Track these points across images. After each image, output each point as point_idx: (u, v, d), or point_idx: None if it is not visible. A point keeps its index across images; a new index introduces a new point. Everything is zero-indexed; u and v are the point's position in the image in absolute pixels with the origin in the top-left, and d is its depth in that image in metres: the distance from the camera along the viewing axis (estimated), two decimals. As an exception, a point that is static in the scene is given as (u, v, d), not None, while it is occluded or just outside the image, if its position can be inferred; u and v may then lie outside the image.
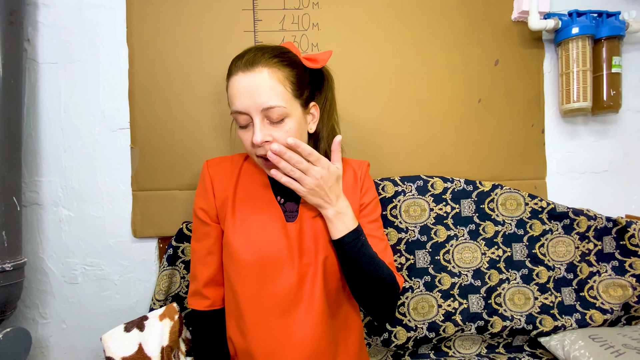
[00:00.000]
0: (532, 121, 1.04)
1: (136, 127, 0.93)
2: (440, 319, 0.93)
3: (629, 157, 1.09)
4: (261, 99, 0.57)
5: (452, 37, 1.00)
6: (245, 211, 0.67)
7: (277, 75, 0.59)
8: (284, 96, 0.59)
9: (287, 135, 0.60)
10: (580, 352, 0.86)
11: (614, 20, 0.99)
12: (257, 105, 0.58)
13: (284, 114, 0.59)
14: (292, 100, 0.60)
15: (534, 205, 0.98)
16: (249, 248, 0.64)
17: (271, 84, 0.58)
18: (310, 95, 0.66)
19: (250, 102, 0.58)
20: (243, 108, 0.59)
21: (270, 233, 0.65)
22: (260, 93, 0.57)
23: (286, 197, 0.69)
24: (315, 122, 0.67)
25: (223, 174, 0.70)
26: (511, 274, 0.97)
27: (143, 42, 0.92)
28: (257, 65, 0.58)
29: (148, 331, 0.68)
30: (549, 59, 1.05)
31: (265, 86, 0.58)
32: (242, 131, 0.62)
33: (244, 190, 0.69)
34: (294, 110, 0.61)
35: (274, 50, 0.61)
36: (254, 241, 0.64)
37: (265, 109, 0.58)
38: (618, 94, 0.98)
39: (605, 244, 1.00)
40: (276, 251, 0.64)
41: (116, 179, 0.94)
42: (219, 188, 0.69)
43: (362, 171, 0.73)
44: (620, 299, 0.96)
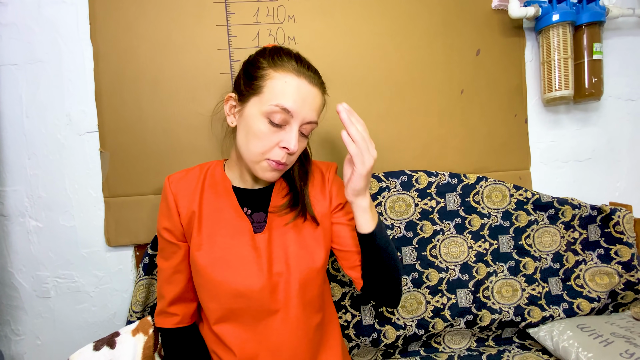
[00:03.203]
0: (515, 111, 1.02)
1: (105, 129, 0.88)
2: (429, 315, 0.91)
3: (611, 144, 1.09)
4: (311, 113, 0.61)
5: (432, 28, 0.98)
6: (211, 226, 0.64)
7: (322, 100, 0.64)
8: (319, 118, 0.64)
9: (301, 148, 0.64)
10: (569, 342, 0.85)
11: (594, 6, 0.98)
12: (305, 114, 0.60)
13: (311, 131, 0.64)
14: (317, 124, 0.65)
15: (519, 196, 0.97)
16: (217, 264, 0.61)
17: (320, 105, 0.63)
18: None
19: (302, 108, 0.59)
20: (294, 109, 0.58)
21: (238, 246, 0.63)
22: (313, 108, 0.61)
23: (253, 208, 0.67)
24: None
25: (186, 189, 0.66)
26: (498, 266, 0.96)
27: (108, 39, 0.87)
28: (317, 83, 0.62)
29: (120, 348, 0.64)
30: (530, 48, 1.03)
31: (318, 104, 0.62)
32: (271, 128, 0.59)
33: (209, 204, 0.66)
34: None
35: (318, 74, 0.64)
36: (222, 256, 0.62)
37: (308, 122, 0.61)
38: (600, 81, 0.97)
39: (591, 233, 1.00)
40: (245, 264, 0.61)
41: (86, 185, 0.89)
42: (184, 205, 0.65)
43: (330, 173, 0.72)
44: (606, 286, 0.96)
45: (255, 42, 0.92)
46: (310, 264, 0.64)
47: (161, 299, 0.68)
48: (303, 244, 0.65)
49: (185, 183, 0.67)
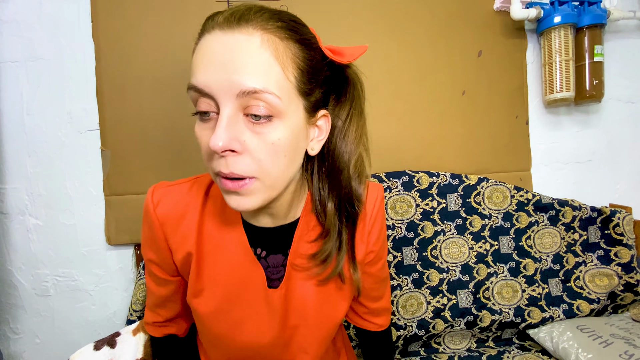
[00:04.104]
0: (516, 112, 1.03)
1: (106, 128, 0.87)
2: (429, 315, 0.91)
3: (612, 146, 1.09)
4: (241, 76, 0.35)
5: (434, 29, 0.98)
6: (214, 270, 0.49)
7: (275, 46, 0.37)
8: (281, 82, 0.37)
9: (274, 149, 0.38)
10: (569, 343, 0.86)
11: (595, 9, 0.98)
12: (231, 83, 0.36)
13: (274, 111, 0.37)
14: (292, 94, 0.39)
15: (519, 197, 0.97)
16: (220, 316, 0.49)
17: (263, 58, 0.36)
18: (323, 100, 0.45)
19: (220, 77, 0.36)
20: (205, 84, 0.37)
21: (246, 300, 0.49)
22: (242, 66, 0.36)
23: (269, 249, 0.50)
24: (321, 141, 0.45)
25: (179, 216, 0.48)
26: (499, 267, 0.96)
27: (110, 37, 0.87)
28: (247, 24, 0.36)
29: (120, 347, 0.64)
30: (532, 49, 1.03)
31: (252, 57, 0.36)
32: (201, 125, 0.40)
33: (211, 241, 0.48)
34: (293, 111, 0.39)
35: (280, 14, 0.40)
36: (226, 308, 0.49)
37: (244, 92, 0.36)
38: (600, 83, 0.98)
39: (591, 234, 1.00)
40: (254, 320, 0.50)
41: (86, 183, 0.88)
42: (176, 240, 0.48)
43: (376, 203, 0.53)
44: (606, 288, 0.96)
45: (258, 41, 0.92)
46: (332, 318, 0.53)
47: (154, 315, 0.57)
48: (326, 298, 0.51)
49: (177, 207, 0.48)
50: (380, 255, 0.57)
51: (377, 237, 0.54)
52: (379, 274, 0.58)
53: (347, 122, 0.47)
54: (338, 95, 0.48)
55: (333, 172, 0.47)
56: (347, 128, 0.47)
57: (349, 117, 0.47)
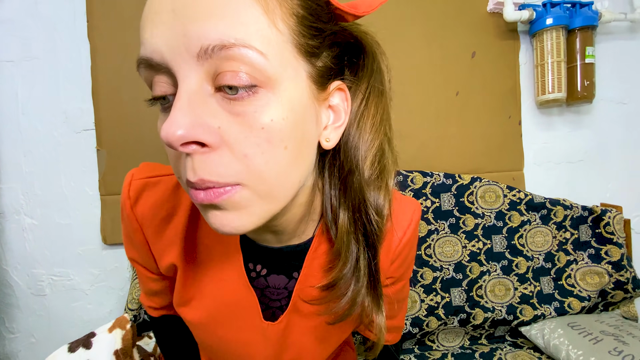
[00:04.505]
0: (509, 113, 1.04)
1: (102, 127, 0.88)
2: (423, 313, 0.92)
3: (603, 146, 1.11)
4: (201, 23, 0.24)
5: (429, 30, 0.99)
6: (201, 284, 0.40)
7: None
8: (264, 33, 0.25)
9: (264, 136, 0.26)
10: (560, 340, 0.87)
11: (587, 11, 0.99)
12: (187, 38, 0.24)
13: (259, 76, 0.25)
14: (286, 52, 0.27)
15: (512, 196, 0.98)
16: (210, 333, 0.42)
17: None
18: (335, 66, 0.32)
19: (172, 31, 0.25)
20: (153, 48, 0.26)
21: (237, 328, 0.41)
22: (202, 8, 0.24)
23: (271, 268, 0.40)
24: (339, 128, 0.33)
25: (162, 217, 0.39)
26: (491, 265, 0.97)
27: (105, 37, 0.87)
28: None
29: (96, 347, 0.63)
30: (525, 51, 1.05)
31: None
32: (162, 118, 0.29)
33: (202, 248, 0.39)
34: (290, 77, 0.27)
35: None
36: (213, 328, 0.42)
37: (208, 48, 0.24)
38: (592, 84, 0.99)
39: (582, 233, 1.01)
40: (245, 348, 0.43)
41: (82, 183, 0.89)
42: (158, 246, 0.40)
43: (407, 231, 0.42)
44: (597, 286, 0.98)
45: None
46: (337, 341, 0.46)
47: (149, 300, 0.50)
48: (331, 330, 0.42)
49: (161, 209, 0.38)
50: (402, 278, 0.47)
51: (399, 265, 0.43)
52: (397, 296, 0.47)
53: (363, 104, 0.34)
54: (351, 71, 0.35)
55: (343, 172, 0.34)
56: (362, 113, 0.34)
57: (366, 98, 0.34)
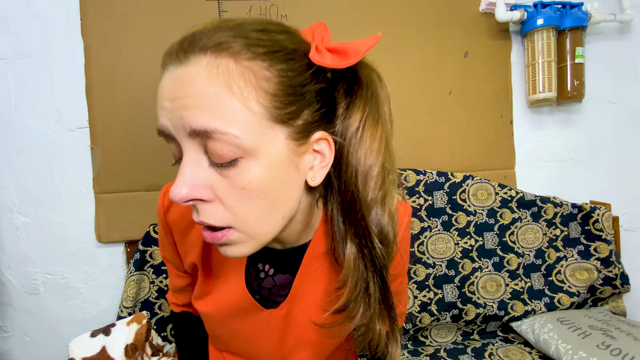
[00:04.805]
0: (501, 112, 1.05)
1: (96, 125, 0.87)
2: (416, 309, 0.94)
3: (592, 145, 1.13)
4: (189, 113, 0.31)
5: (422, 30, 1.00)
6: (218, 280, 0.47)
7: (228, 73, 0.31)
8: (241, 117, 0.31)
9: (247, 195, 0.32)
10: (550, 334, 0.89)
11: (577, 11, 1.01)
12: (182, 122, 0.31)
13: (237, 151, 0.31)
14: (262, 126, 0.32)
15: (503, 194, 1.00)
16: (221, 324, 0.50)
17: (212, 90, 0.30)
18: (320, 118, 0.36)
19: (173, 114, 0.32)
20: (163, 125, 0.33)
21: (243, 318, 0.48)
22: (190, 103, 0.31)
23: (277, 268, 0.46)
24: (324, 168, 0.37)
25: (187, 224, 0.47)
26: (483, 262, 0.99)
27: (99, 35, 0.87)
28: (196, 50, 0.31)
29: (114, 335, 0.66)
30: (516, 50, 1.06)
31: (199, 91, 0.30)
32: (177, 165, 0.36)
33: (217, 251, 0.47)
34: (267, 143, 0.32)
35: (241, 26, 0.33)
36: (224, 321, 0.49)
37: (195, 131, 0.31)
38: (581, 84, 1.01)
39: (571, 230, 1.03)
40: (252, 337, 0.49)
41: (76, 181, 0.88)
42: (184, 247, 0.49)
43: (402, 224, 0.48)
44: (586, 281, 1.00)
45: (248, 40, 0.93)
46: (334, 340, 0.50)
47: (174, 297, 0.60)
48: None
49: (186, 217, 0.47)
50: (400, 274, 0.52)
51: (397, 263, 0.49)
52: (397, 289, 0.53)
53: (359, 133, 0.37)
54: (348, 102, 0.38)
55: (346, 201, 0.38)
56: (358, 141, 0.37)
57: (361, 128, 0.37)
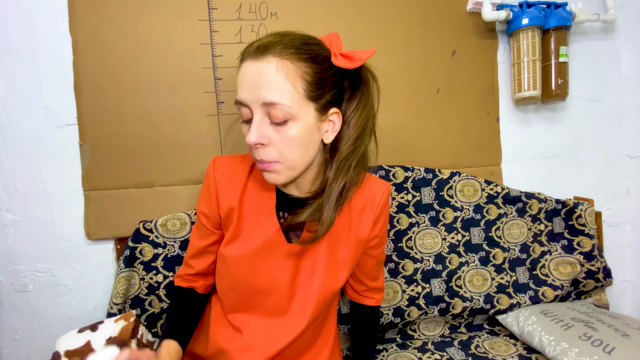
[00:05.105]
0: (488, 110, 1.07)
1: (84, 122, 0.87)
2: (404, 304, 0.95)
3: (576, 142, 1.16)
4: (263, 92, 0.51)
5: (410, 28, 1.01)
6: (247, 225, 0.63)
7: (287, 69, 0.51)
8: (291, 95, 0.51)
9: (290, 142, 0.52)
10: (533, 327, 0.91)
11: (561, 11, 1.03)
12: (257, 97, 0.51)
13: (288, 115, 0.51)
14: (302, 102, 0.52)
15: (489, 190, 1.02)
16: (244, 262, 0.62)
17: (277, 79, 0.50)
18: (334, 100, 0.57)
19: (251, 93, 0.52)
20: (243, 99, 0.53)
21: (267, 254, 0.62)
22: (263, 85, 0.51)
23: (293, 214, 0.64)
24: (334, 132, 0.58)
25: (230, 180, 0.64)
26: (470, 257, 1.01)
27: (88, 31, 0.87)
28: (268, 53, 0.51)
29: (100, 332, 0.67)
30: (503, 49, 1.08)
31: (271, 79, 0.50)
32: (245, 127, 0.56)
33: (250, 201, 0.63)
34: (304, 113, 0.52)
35: (293, 40, 0.53)
36: (249, 258, 0.62)
37: (265, 103, 0.51)
38: (565, 83, 1.03)
39: (555, 225, 1.06)
40: (271, 270, 0.62)
41: (65, 178, 0.88)
42: (225, 197, 0.63)
43: (383, 196, 0.66)
44: (569, 275, 1.03)
45: (238, 37, 0.93)
46: (333, 284, 0.64)
47: (187, 267, 0.70)
48: (332, 263, 0.64)
49: (229, 172, 0.64)
50: (382, 242, 0.72)
51: (382, 225, 0.68)
52: (380, 257, 0.73)
53: (352, 112, 0.58)
54: (353, 91, 0.59)
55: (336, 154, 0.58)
56: (350, 118, 0.58)
57: (355, 109, 0.58)
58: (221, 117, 0.93)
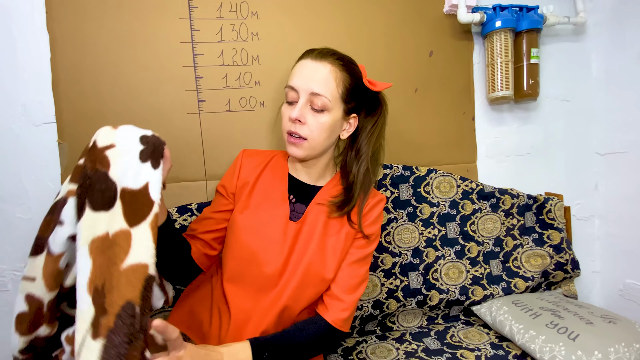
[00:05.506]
0: (464, 109, 1.11)
1: (63, 121, 0.87)
2: (383, 296, 0.99)
3: (548, 140, 1.21)
4: (314, 84, 0.66)
5: (389, 29, 1.04)
6: (259, 199, 0.73)
7: (335, 74, 0.68)
8: (332, 92, 0.68)
9: (321, 126, 0.68)
10: (505, 316, 0.96)
11: (533, 14, 1.07)
12: (309, 87, 0.66)
13: (325, 106, 0.67)
14: (337, 100, 0.69)
15: (464, 187, 1.06)
16: (250, 230, 0.70)
17: (328, 78, 0.67)
18: (356, 108, 0.73)
19: (304, 82, 0.67)
20: (296, 85, 0.67)
21: (272, 225, 0.71)
22: (317, 80, 0.67)
23: (298, 198, 0.75)
24: (349, 132, 0.74)
25: (252, 163, 0.77)
26: (446, 250, 1.05)
27: (66, 28, 0.86)
28: (325, 60, 0.68)
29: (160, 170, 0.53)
30: (478, 51, 1.12)
31: (323, 77, 0.67)
32: (287, 107, 0.70)
33: (265, 180, 0.75)
34: (336, 108, 0.69)
35: (343, 57, 0.71)
36: (256, 226, 0.70)
37: (313, 93, 0.66)
38: (536, 83, 1.08)
39: (527, 219, 1.11)
40: (271, 241, 0.70)
41: (44, 177, 0.88)
42: (244, 173, 0.75)
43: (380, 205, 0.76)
44: (540, 267, 1.08)
45: (219, 36, 0.94)
46: (320, 268, 0.70)
47: (187, 230, 0.75)
48: (322, 248, 0.71)
49: (253, 160, 0.77)
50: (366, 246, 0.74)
51: (371, 222, 0.74)
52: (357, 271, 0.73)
53: (372, 128, 0.75)
54: (371, 110, 0.76)
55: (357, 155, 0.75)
56: (371, 132, 0.75)
57: (374, 126, 0.75)
58: (202, 115, 0.94)
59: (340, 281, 0.72)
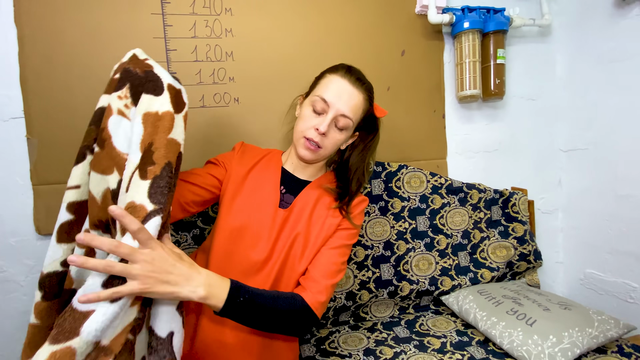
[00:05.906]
0: (434, 107, 1.15)
1: (32, 115, 0.86)
2: (356, 288, 1.02)
3: (514, 138, 1.27)
4: (347, 108, 0.74)
5: (362, 27, 1.07)
6: (252, 185, 0.78)
7: (363, 104, 0.77)
8: (356, 118, 0.77)
9: (336, 141, 0.76)
10: (470, 304, 1.01)
11: (499, 16, 1.12)
12: (340, 107, 0.73)
13: (346, 126, 0.75)
14: (356, 123, 0.78)
15: (434, 182, 1.10)
16: (238, 215, 0.75)
17: (359, 107, 0.76)
18: (361, 127, 0.82)
19: (339, 103, 0.73)
20: (330, 101, 0.73)
21: (261, 211, 0.76)
22: (350, 106, 0.74)
23: (288, 189, 0.80)
24: (347, 144, 0.83)
25: (250, 153, 0.83)
26: (416, 243, 1.09)
27: (35, 22, 0.85)
28: (360, 88, 0.76)
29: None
30: (448, 50, 1.16)
31: (355, 104, 0.75)
32: (312, 114, 0.75)
33: (259, 170, 0.80)
34: (351, 130, 0.78)
35: (370, 88, 0.79)
36: (247, 209, 0.75)
37: (343, 115, 0.74)
38: (502, 83, 1.13)
39: (493, 213, 1.16)
40: (259, 228, 0.74)
41: (12, 172, 0.86)
42: (241, 158, 0.81)
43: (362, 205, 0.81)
44: (505, 258, 1.14)
45: (192, 32, 0.94)
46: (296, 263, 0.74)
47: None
48: (306, 239, 0.76)
49: (251, 151, 0.84)
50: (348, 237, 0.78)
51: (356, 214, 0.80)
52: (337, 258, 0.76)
53: (363, 148, 0.83)
54: (368, 131, 0.83)
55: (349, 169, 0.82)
56: (362, 151, 0.82)
57: (366, 147, 0.83)
58: (176, 111, 0.94)
59: (320, 265, 0.74)
